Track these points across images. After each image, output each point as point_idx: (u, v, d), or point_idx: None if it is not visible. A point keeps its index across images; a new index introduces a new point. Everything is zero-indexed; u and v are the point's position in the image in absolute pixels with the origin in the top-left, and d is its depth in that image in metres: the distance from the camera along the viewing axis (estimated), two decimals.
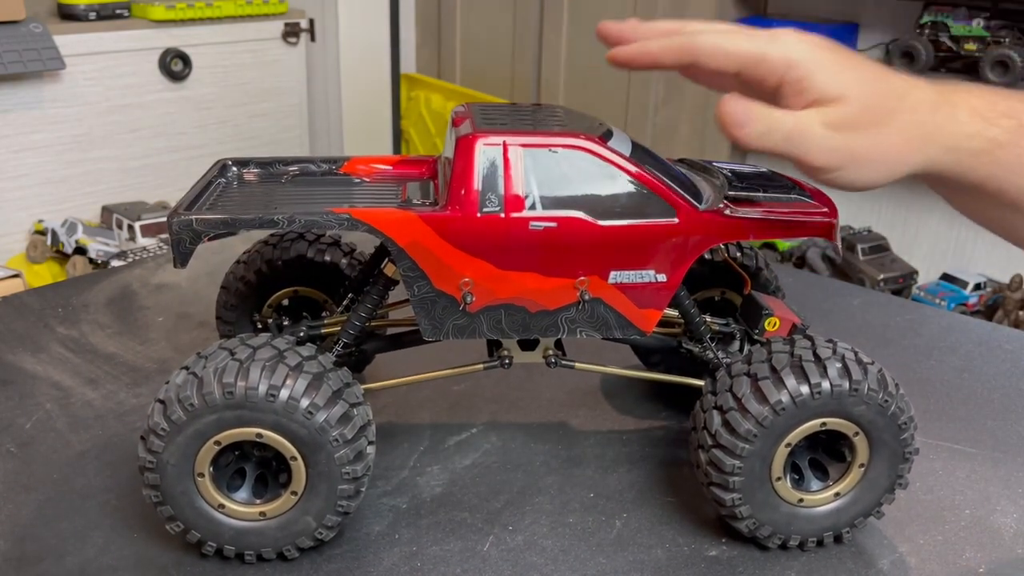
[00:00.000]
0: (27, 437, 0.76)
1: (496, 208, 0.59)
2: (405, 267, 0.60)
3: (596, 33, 0.62)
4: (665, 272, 0.62)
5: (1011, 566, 0.64)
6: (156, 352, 0.91)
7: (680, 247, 0.61)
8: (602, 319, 0.63)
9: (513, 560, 0.63)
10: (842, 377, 0.59)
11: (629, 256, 0.61)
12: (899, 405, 0.60)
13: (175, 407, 0.57)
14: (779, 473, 0.61)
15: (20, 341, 0.92)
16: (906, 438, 0.61)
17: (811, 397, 0.59)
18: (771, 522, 0.62)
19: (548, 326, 0.63)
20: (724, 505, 0.62)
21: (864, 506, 0.63)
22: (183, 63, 2.62)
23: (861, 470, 0.62)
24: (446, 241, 0.59)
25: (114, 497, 0.68)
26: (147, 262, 1.14)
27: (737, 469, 0.60)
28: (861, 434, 0.61)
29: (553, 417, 0.81)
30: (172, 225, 0.58)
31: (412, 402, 0.82)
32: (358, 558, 0.62)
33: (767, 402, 0.59)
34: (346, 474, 0.59)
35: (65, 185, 2.48)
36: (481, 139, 0.59)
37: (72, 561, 0.62)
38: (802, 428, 0.60)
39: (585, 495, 0.70)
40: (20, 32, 2.24)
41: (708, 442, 0.61)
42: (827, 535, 0.64)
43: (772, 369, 0.60)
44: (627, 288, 0.62)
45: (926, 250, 2.46)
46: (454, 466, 0.73)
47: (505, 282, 0.60)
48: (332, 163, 0.72)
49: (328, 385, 0.58)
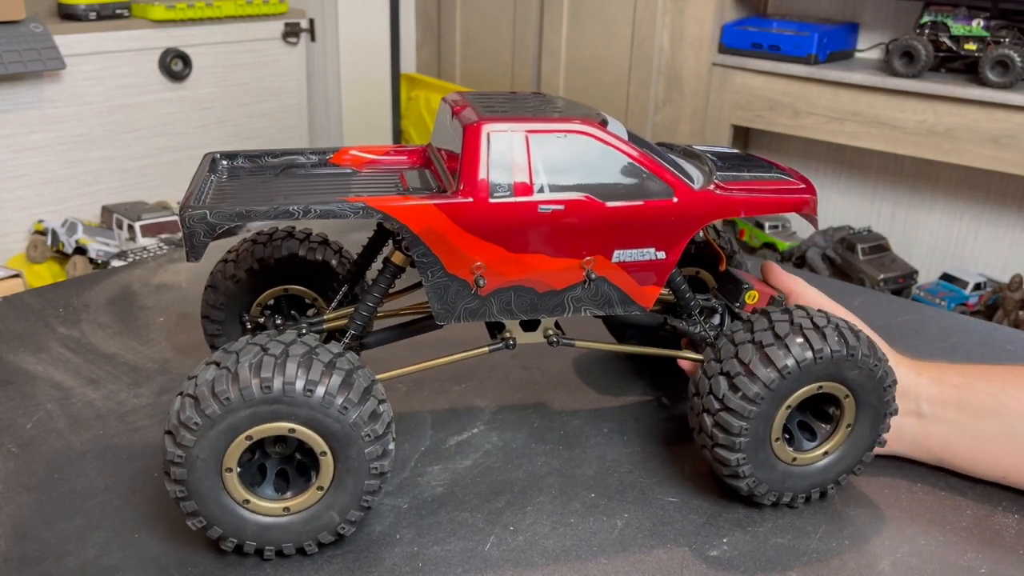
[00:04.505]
0: (27, 437, 0.76)
1: (507, 193, 0.60)
2: (419, 253, 0.61)
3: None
4: (665, 249, 0.64)
5: (1012, 567, 0.64)
6: (156, 352, 0.91)
7: (678, 225, 0.64)
8: (605, 297, 0.65)
9: (514, 560, 0.63)
10: (840, 343, 0.63)
11: (632, 235, 0.63)
12: (884, 369, 0.65)
13: (209, 401, 0.56)
14: (778, 434, 0.65)
15: (20, 341, 0.92)
16: (888, 399, 0.66)
17: (814, 362, 0.62)
18: (768, 480, 0.66)
19: (555, 305, 0.65)
20: (727, 465, 0.65)
21: (848, 463, 0.68)
22: (183, 63, 2.62)
23: (848, 430, 0.67)
24: (459, 227, 0.60)
25: (115, 497, 0.68)
26: (147, 262, 1.14)
27: (744, 431, 0.63)
28: (851, 396, 0.65)
29: (554, 417, 0.81)
30: (186, 219, 0.57)
31: (413, 402, 0.82)
32: (359, 558, 0.62)
33: (774, 366, 0.62)
34: (374, 469, 0.60)
35: (65, 185, 2.48)
36: (488, 126, 0.60)
37: (73, 561, 0.62)
38: (802, 391, 0.64)
39: (586, 495, 0.70)
40: (20, 32, 2.24)
41: (715, 406, 0.64)
42: (815, 491, 0.68)
43: (776, 336, 0.63)
44: (630, 266, 0.64)
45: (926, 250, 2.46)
46: (455, 466, 0.73)
47: (516, 265, 0.62)
48: (321, 154, 0.72)
49: (360, 382, 0.59)
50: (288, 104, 2.92)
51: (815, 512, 0.68)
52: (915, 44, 2.14)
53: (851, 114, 2.25)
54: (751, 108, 2.41)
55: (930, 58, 2.14)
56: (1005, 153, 2.06)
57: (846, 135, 2.28)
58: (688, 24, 2.46)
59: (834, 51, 2.33)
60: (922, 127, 2.16)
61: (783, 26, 2.33)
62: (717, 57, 2.42)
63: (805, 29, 2.30)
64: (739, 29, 2.39)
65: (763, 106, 2.38)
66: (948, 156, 2.14)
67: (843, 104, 2.26)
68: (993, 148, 2.07)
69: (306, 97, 2.98)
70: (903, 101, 2.17)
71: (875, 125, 2.22)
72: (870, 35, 2.43)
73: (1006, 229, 2.33)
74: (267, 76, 2.84)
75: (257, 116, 2.85)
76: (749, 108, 2.41)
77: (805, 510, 0.68)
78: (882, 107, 2.20)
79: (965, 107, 2.08)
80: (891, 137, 2.21)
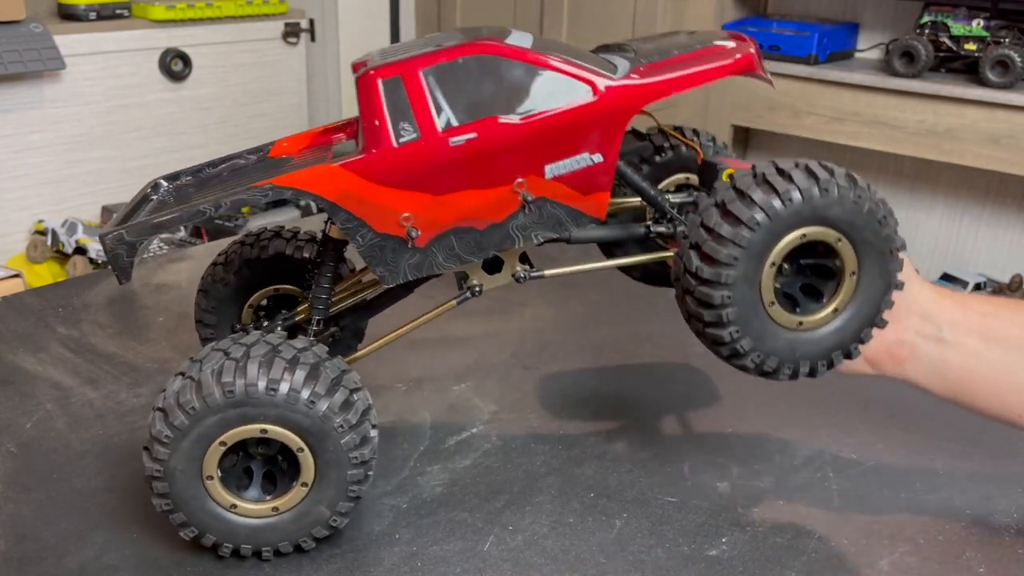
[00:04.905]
0: (27, 437, 0.76)
1: (412, 135, 0.58)
2: (342, 220, 0.59)
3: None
4: (600, 151, 0.60)
5: (1011, 566, 0.64)
6: (156, 352, 0.91)
7: (605, 122, 0.60)
8: (552, 217, 0.61)
9: (513, 560, 0.63)
10: (809, 180, 0.57)
11: (558, 145, 0.59)
12: (873, 201, 0.59)
13: (176, 413, 0.57)
14: (771, 298, 0.59)
15: (20, 341, 0.92)
16: (888, 234, 0.60)
17: (784, 207, 0.57)
18: (775, 352, 0.60)
19: (502, 239, 0.61)
20: (724, 343, 0.60)
21: (865, 317, 0.61)
22: (183, 63, 2.62)
23: (853, 278, 0.60)
24: (374, 183, 0.58)
25: (114, 497, 0.68)
26: (147, 262, 1.14)
27: (727, 299, 0.58)
28: (843, 239, 0.59)
29: (553, 417, 0.81)
30: (105, 242, 0.58)
31: (412, 402, 0.82)
32: (358, 558, 0.62)
33: (740, 222, 0.57)
34: (354, 459, 0.59)
35: (65, 185, 2.48)
36: (378, 73, 0.58)
37: (72, 561, 0.62)
38: (783, 243, 0.58)
39: (585, 495, 0.70)
40: (20, 32, 2.24)
41: (692, 284, 0.59)
42: (836, 354, 0.62)
43: (739, 192, 0.58)
44: (567, 179, 0.60)
45: (926, 250, 2.46)
46: (454, 466, 0.73)
47: (445, 207, 0.59)
48: (260, 151, 0.70)
49: (327, 373, 0.58)
50: (288, 104, 2.92)
51: (815, 512, 0.68)
52: (915, 44, 2.14)
53: (851, 114, 2.25)
54: (751, 108, 2.41)
55: (930, 58, 2.14)
56: (1005, 153, 2.06)
57: (846, 135, 2.28)
58: (688, 24, 2.46)
59: (834, 51, 2.33)
60: (922, 127, 2.16)
61: (783, 26, 2.33)
62: None
63: (805, 29, 2.30)
64: (739, 29, 2.39)
65: (763, 106, 2.38)
66: (948, 156, 2.14)
67: (843, 104, 2.26)
68: (993, 148, 2.07)
69: (306, 97, 2.98)
70: (903, 101, 2.17)
71: (875, 125, 2.22)
72: (870, 35, 2.43)
73: (1006, 229, 2.33)
74: (267, 76, 2.84)
75: (257, 116, 2.85)
76: (749, 108, 2.41)
77: (805, 510, 0.68)
78: (882, 107, 2.20)
79: (965, 107, 2.08)
80: (891, 137, 2.21)
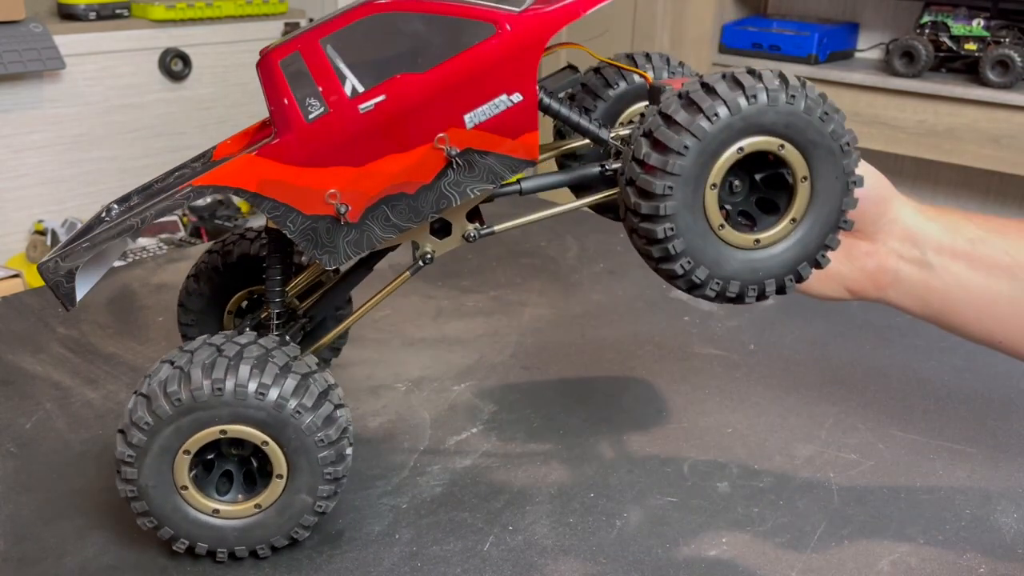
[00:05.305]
0: (27, 437, 0.76)
1: (321, 110, 0.57)
2: (268, 209, 0.58)
3: None
4: (518, 90, 0.57)
5: (1012, 567, 0.64)
6: (156, 352, 0.91)
7: (516, 58, 0.57)
8: (484, 167, 0.59)
9: (513, 560, 0.63)
10: (734, 90, 0.55)
11: (472, 92, 0.57)
12: (811, 98, 0.58)
13: (132, 431, 0.57)
14: (719, 221, 0.57)
15: (20, 341, 0.92)
16: (834, 129, 0.58)
17: (711, 124, 0.54)
18: (735, 275, 0.58)
19: (437, 200, 0.59)
20: (679, 276, 0.57)
21: (827, 221, 0.58)
22: (183, 63, 2.62)
23: (806, 183, 0.57)
24: (292, 165, 0.57)
25: (114, 497, 0.68)
26: (147, 262, 1.14)
27: (670, 231, 0.55)
28: (786, 144, 0.56)
29: (553, 417, 0.81)
30: (43, 272, 0.57)
31: (412, 402, 0.82)
32: (358, 558, 0.62)
33: (669, 149, 0.54)
34: (320, 441, 0.59)
35: (65, 185, 2.48)
36: (275, 54, 0.57)
37: (72, 561, 0.62)
38: (720, 162, 0.55)
39: (585, 495, 0.70)
40: (20, 32, 2.24)
41: (635, 221, 0.56)
42: (802, 266, 0.59)
43: (664, 117, 0.55)
44: (489, 125, 0.58)
45: None
46: (454, 466, 0.73)
47: (370, 177, 0.58)
48: (204, 156, 0.70)
49: (274, 363, 0.58)
50: None
51: (815, 512, 0.68)
52: (915, 44, 2.14)
53: (851, 114, 2.23)
54: None
55: (930, 58, 2.14)
56: (1005, 153, 2.06)
57: None
58: (688, 24, 2.46)
59: (834, 51, 2.33)
60: (922, 127, 2.16)
61: (783, 26, 2.33)
62: (717, 57, 2.42)
63: (805, 29, 2.30)
64: (739, 29, 2.39)
65: None
66: (948, 156, 2.14)
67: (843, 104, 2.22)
68: (993, 148, 2.07)
69: None
70: (903, 101, 2.17)
71: (875, 125, 2.22)
72: (870, 35, 2.43)
73: None
74: None
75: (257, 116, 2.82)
76: None
77: (805, 510, 0.68)
78: (882, 107, 2.20)
79: (965, 107, 2.08)
80: (891, 137, 2.21)
